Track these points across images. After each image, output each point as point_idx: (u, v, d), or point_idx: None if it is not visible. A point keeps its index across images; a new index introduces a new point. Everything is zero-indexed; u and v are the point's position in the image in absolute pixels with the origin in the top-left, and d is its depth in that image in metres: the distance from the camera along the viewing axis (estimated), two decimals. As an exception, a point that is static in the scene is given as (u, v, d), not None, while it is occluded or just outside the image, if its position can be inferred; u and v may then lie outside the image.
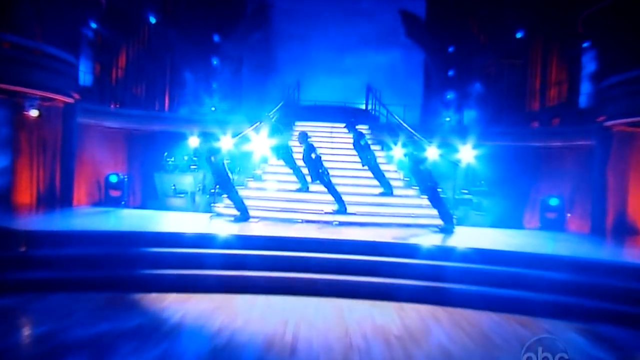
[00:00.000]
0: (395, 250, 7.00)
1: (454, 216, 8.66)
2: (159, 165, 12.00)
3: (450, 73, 15.06)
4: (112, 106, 13.23)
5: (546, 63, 14.54)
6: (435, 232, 8.30)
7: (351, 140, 10.02)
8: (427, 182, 8.28)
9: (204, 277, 6.34)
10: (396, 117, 11.51)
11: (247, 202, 9.10)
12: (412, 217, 9.12)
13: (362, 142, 9.63)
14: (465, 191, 11.65)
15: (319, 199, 9.32)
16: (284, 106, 12.44)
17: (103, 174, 11.42)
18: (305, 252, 6.87)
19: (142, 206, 11.16)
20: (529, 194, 13.48)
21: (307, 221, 8.77)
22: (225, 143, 8.69)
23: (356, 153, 9.88)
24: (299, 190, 9.57)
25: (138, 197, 13.18)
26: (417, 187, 8.68)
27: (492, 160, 12.32)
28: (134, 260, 6.52)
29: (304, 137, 9.06)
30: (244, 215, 8.47)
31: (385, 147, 11.68)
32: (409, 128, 10.65)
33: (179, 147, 12.23)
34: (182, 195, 10.91)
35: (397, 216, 9.10)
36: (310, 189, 9.54)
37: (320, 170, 8.78)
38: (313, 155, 8.78)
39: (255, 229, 7.87)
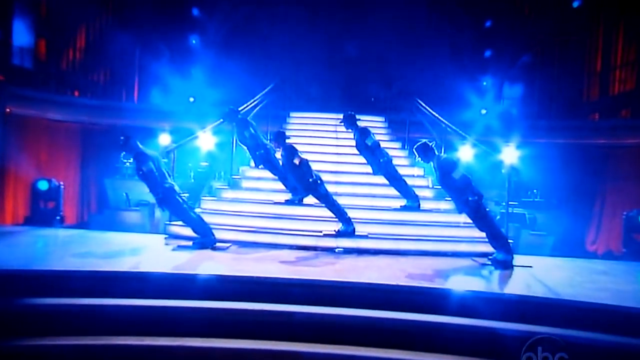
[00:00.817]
0: (431, 301, 4.64)
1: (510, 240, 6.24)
2: (112, 169, 9.77)
3: (487, 54, 12.65)
4: (64, 94, 11.03)
5: (610, 40, 12.07)
6: (487, 266, 5.94)
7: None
8: (466, 195, 5.91)
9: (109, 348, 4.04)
10: (422, 104, 9.13)
11: (218, 220, 6.86)
12: (448, 241, 6.76)
13: (369, 142, 7.28)
14: (514, 203, 9.22)
15: (316, 215, 7.02)
16: (276, 92, 10.14)
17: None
18: (286, 305, 4.56)
19: (88, 223, 8.89)
20: (592, 207, 11.02)
21: (299, 247, 6.47)
22: (165, 141, 6.45)
23: (364, 158, 7.55)
24: (289, 202, 7.26)
25: (94, 209, 11.00)
26: (453, 204, 6.32)
27: (542, 163, 9.97)
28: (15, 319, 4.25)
29: (280, 137, 6.76)
30: (206, 239, 6.20)
31: (406, 144, 9.34)
32: (444, 121, 8.25)
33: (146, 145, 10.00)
34: (138, 208, 8.64)
35: (427, 240, 6.75)
36: (305, 201, 7.23)
37: (310, 179, 6.47)
38: (297, 161, 6.47)
39: (218, 261, 5.57)
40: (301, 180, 6.55)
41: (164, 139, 9.08)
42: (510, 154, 7.89)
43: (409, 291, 4.80)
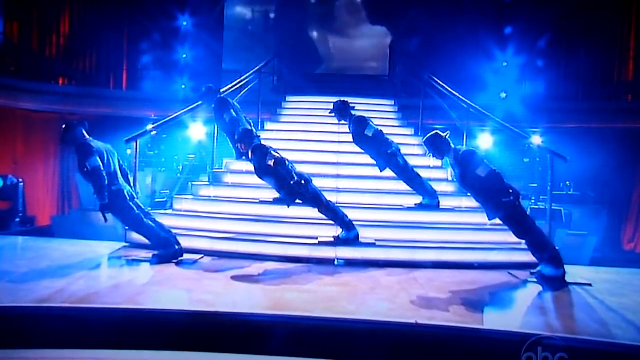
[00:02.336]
0: (471, 352, 3.01)
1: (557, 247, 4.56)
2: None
3: (508, 31, 10.81)
4: (40, 81, 9.49)
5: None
6: (531, 283, 4.31)
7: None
8: (498, 196, 4.27)
9: None
10: (439, 82, 7.40)
11: (192, 224, 5.31)
12: (476, 249, 5.11)
13: (369, 132, 5.63)
14: (545, 198, 7.53)
15: (311, 216, 5.40)
16: (272, 74, 8.51)
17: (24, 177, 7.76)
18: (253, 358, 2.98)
19: (52, 226, 7.35)
20: (629, 200, 9.28)
21: (289, 259, 4.88)
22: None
23: (367, 153, 5.91)
24: (278, 201, 5.64)
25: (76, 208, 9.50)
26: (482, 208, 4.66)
27: (571, 151, 8.25)
28: None
29: (246, 137, 5.05)
30: (168, 251, 4.63)
31: (419, 130, 7.68)
32: (466, 101, 6.55)
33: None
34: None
35: (449, 248, 5.09)
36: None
37: (292, 182, 4.83)
38: (271, 162, 4.82)
39: (173, 283, 3.99)
40: (281, 186, 4.89)
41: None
42: (534, 141, 6.25)
43: (436, 333, 3.18)
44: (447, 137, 4.62)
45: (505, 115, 8.82)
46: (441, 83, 7.32)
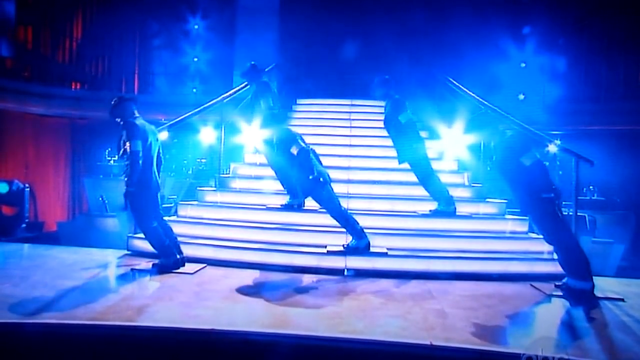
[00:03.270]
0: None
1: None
2: (94, 168, 8.08)
3: (526, 31, 10.35)
4: (50, 85, 9.38)
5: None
6: (556, 297, 3.94)
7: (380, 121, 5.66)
8: (538, 191, 3.89)
9: None
10: (455, 83, 7.03)
11: (197, 231, 5.06)
12: (495, 258, 4.74)
13: (403, 119, 5.28)
14: (567, 203, 7.08)
15: (320, 223, 5.11)
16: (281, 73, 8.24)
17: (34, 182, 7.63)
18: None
19: (57, 232, 7.16)
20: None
21: (296, 269, 4.58)
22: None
23: (391, 139, 5.55)
24: (286, 207, 5.36)
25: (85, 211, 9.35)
26: (516, 203, 4.29)
27: (594, 154, 7.79)
28: None
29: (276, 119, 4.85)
30: (168, 260, 4.38)
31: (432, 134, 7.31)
32: (486, 103, 6.18)
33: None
34: (114, 213, 6.89)
35: (465, 258, 4.73)
36: (306, 207, 5.33)
37: (310, 176, 4.54)
38: (294, 150, 4.56)
39: (170, 296, 3.71)
40: (298, 178, 4.63)
41: (163, 134, 7.31)
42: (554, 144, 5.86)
43: (453, 357, 2.83)
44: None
45: (523, 117, 8.41)
46: (457, 84, 6.95)
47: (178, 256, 4.44)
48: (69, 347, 2.96)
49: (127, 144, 4.22)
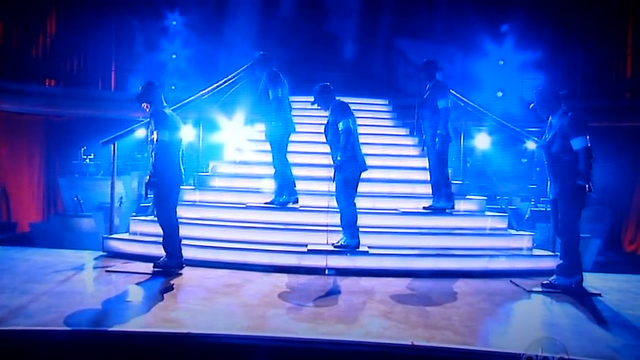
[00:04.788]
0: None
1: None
2: (69, 167, 7.83)
3: (504, 29, 10.42)
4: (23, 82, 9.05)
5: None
6: (537, 293, 3.92)
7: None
8: (575, 177, 3.85)
9: None
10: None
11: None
12: (477, 256, 4.72)
13: (442, 104, 5.09)
14: (545, 199, 7.15)
15: (302, 222, 5.02)
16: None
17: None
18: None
19: (30, 233, 6.91)
20: (630, 201, 8.94)
21: (276, 268, 4.48)
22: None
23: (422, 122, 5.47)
24: (277, 203, 5.25)
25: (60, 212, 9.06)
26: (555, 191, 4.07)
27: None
28: None
29: (326, 91, 4.76)
30: (172, 261, 4.25)
31: (414, 130, 7.27)
32: (468, 102, 6.14)
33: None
34: (90, 213, 6.67)
35: (448, 255, 4.70)
36: (294, 205, 5.23)
37: (346, 154, 4.45)
38: (340, 125, 4.49)
39: (146, 296, 3.57)
40: (334, 154, 4.57)
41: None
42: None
43: (435, 357, 2.77)
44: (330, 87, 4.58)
45: (502, 114, 8.45)
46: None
47: (182, 259, 4.30)
48: (37, 355, 2.81)
49: (155, 132, 4.10)
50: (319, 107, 4.79)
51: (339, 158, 4.48)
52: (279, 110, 5.27)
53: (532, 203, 7.51)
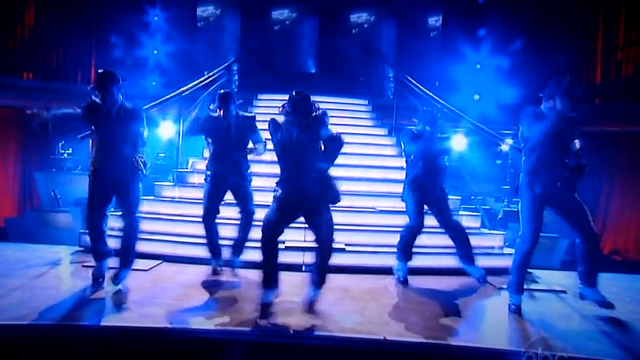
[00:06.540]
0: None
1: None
2: (46, 161, 7.66)
3: (482, 33, 10.58)
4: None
5: (612, 19, 10.18)
6: (506, 289, 4.00)
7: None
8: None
9: None
10: (412, 81, 7.09)
11: (154, 227, 4.86)
12: (451, 254, 4.80)
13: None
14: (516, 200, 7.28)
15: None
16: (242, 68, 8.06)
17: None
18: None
19: (5, 229, 6.74)
20: (596, 202, 9.21)
21: (251, 264, 4.44)
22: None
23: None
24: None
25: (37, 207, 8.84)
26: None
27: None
28: None
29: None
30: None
31: (393, 130, 7.36)
32: (439, 100, 6.23)
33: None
34: (67, 209, 6.54)
35: (423, 253, 4.76)
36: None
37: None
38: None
39: (122, 291, 3.53)
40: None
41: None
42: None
43: (405, 352, 2.82)
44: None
45: (478, 116, 8.60)
46: (415, 83, 7.01)
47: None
48: (6, 350, 2.76)
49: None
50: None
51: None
52: None
53: (505, 203, 7.66)
